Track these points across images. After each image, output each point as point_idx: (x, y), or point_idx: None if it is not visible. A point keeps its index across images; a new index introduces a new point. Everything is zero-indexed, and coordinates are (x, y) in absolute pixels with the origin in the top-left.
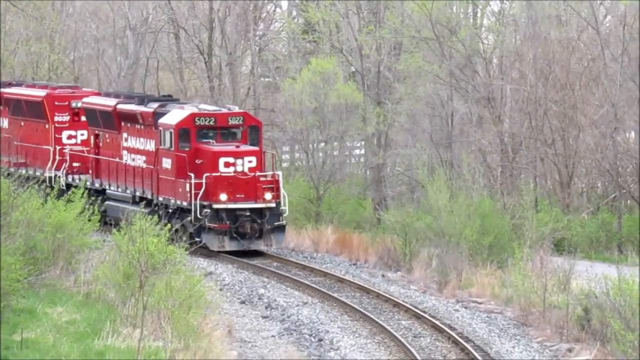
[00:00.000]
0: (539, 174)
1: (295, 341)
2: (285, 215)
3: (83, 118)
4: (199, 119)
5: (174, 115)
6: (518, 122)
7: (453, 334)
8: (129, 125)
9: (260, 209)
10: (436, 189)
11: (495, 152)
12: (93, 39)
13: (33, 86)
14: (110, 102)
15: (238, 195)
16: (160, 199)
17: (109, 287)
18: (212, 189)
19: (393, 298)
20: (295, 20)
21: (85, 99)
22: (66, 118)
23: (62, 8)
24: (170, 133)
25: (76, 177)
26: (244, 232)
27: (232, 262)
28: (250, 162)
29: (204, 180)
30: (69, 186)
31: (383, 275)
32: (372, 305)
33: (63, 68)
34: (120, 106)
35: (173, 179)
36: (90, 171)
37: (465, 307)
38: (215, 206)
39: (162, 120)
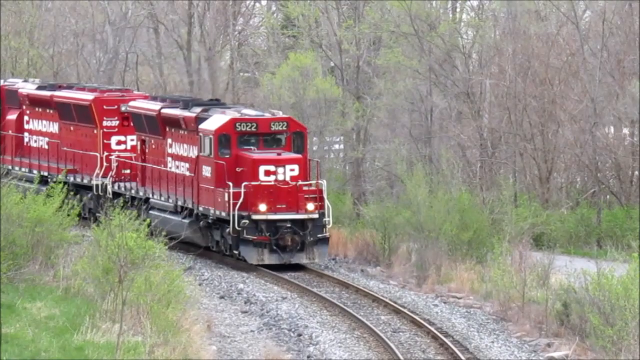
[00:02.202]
0: (518, 169)
1: (274, 336)
2: (329, 226)
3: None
4: (239, 125)
5: (215, 121)
6: (497, 117)
7: (432, 328)
8: (173, 130)
9: (302, 220)
10: (415, 184)
11: (475, 147)
12: (72, 33)
13: (83, 89)
14: (155, 106)
15: (279, 206)
16: (201, 208)
17: (88, 282)
18: (251, 199)
19: (372, 293)
20: (275, 15)
21: (131, 103)
22: (115, 123)
23: (41, 3)
24: (210, 139)
25: (122, 184)
26: (285, 245)
27: (211, 257)
28: (292, 170)
29: (242, 190)
30: (116, 195)
31: (362, 270)
32: (352, 300)
33: (42, 63)
34: (164, 110)
35: (212, 187)
36: (137, 179)
37: (445, 302)
38: (254, 217)
39: (202, 126)
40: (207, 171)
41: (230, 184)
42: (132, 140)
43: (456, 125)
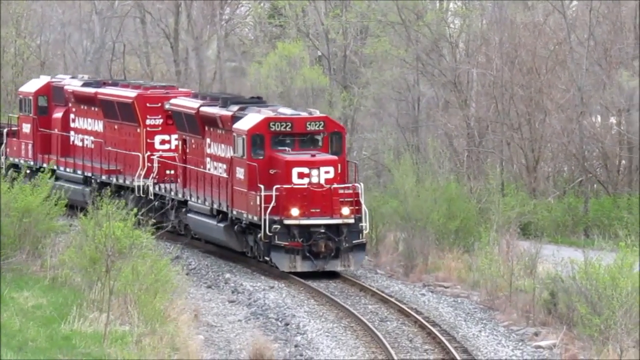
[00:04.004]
0: (505, 158)
1: (261, 325)
2: (366, 232)
3: None
4: (274, 124)
5: (248, 120)
6: (484, 106)
7: (419, 318)
8: (211, 130)
9: (337, 225)
10: (402, 173)
11: (462, 136)
12: (59, 23)
13: (127, 86)
14: (195, 104)
15: (312, 210)
16: (235, 212)
17: (75, 271)
18: (283, 203)
19: (359, 282)
20: (262, 4)
21: (172, 101)
22: (159, 121)
23: None
24: (243, 140)
25: (163, 186)
26: (318, 251)
27: (198, 247)
28: (327, 172)
29: (274, 193)
30: (157, 197)
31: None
32: (339, 290)
33: (29, 53)
34: (203, 109)
35: (245, 190)
36: (178, 180)
37: (432, 292)
38: (286, 222)
39: (236, 126)
40: (240, 173)
41: (262, 186)
42: (176, 139)
43: (443, 114)
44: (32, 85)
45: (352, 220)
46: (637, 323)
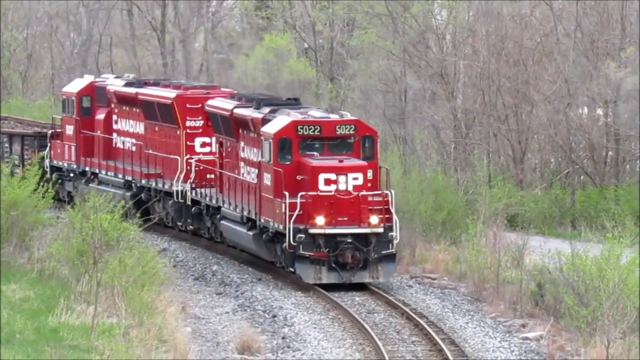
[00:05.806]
0: (492, 150)
1: (249, 317)
2: (396, 242)
3: None
4: (301, 128)
5: (276, 123)
6: (471, 98)
7: (407, 309)
8: (245, 132)
9: (365, 235)
10: (389, 165)
11: (449, 128)
12: (46, 15)
13: (167, 86)
14: (229, 105)
15: (339, 219)
16: (262, 220)
17: (62, 264)
18: (308, 211)
19: None
20: None
21: (209, 102)
22: (199, 123)
23: None
24: (269, 144)
25: (201, 191)
26: (345, 262)
27: (186, 239)
28: (355, 179)
29: (298, 200)
30: (195, 203)
31: None
32: None
33: (16, 45)
34: (236, 110)
35: (272, 197)
36: (217, 185)
37: (419, 283)
38: (311, 231)
39: (263, 129)
40: (267, 179)
41: (287, 193)
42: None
43: (430, 106)
44: (75, 85)
45: (381, 230)
46: (624, 314)
